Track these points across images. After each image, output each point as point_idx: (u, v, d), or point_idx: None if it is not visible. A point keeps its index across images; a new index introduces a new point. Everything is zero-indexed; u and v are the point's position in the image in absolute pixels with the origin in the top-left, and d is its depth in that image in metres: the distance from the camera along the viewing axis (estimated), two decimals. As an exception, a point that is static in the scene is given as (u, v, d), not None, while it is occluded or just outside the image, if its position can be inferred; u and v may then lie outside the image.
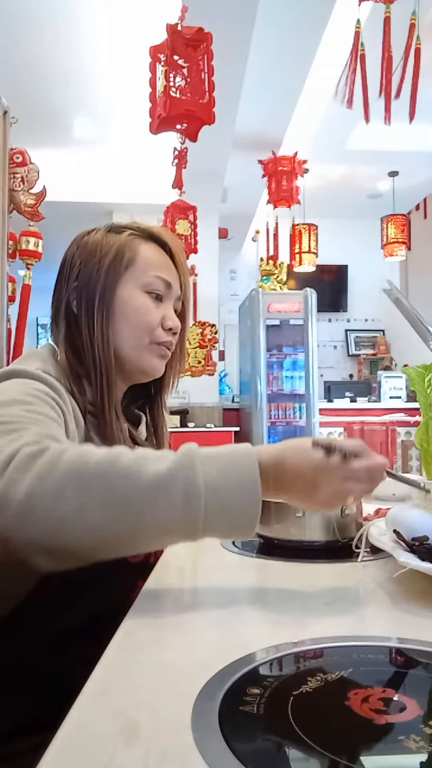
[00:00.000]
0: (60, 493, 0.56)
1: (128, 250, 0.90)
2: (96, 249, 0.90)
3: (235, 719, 0.39)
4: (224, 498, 0.59)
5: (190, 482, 0.57)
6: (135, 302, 0.89)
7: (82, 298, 0.89)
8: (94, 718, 0.40)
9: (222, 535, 0.62)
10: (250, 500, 0.59)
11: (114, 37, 3.43)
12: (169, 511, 0.57)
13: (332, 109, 4.30)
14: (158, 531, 0.58)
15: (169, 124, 2.43)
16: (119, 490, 0.57)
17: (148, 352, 0.91)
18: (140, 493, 0.57)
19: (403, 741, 0.36)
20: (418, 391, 1.15)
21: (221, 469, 0.60)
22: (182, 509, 0.57)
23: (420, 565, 0.63)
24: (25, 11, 3.17)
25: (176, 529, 0.58)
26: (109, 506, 0.56)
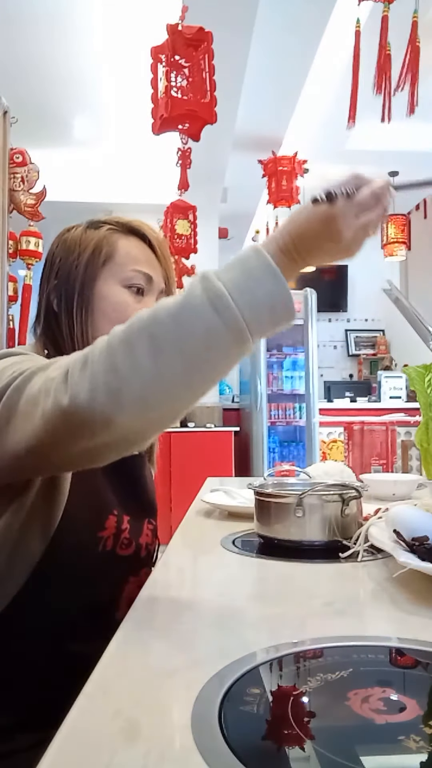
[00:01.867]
0: (114, 360, 0.59)
1: (106, 245, 0.89)
2: (75, 245, 0.90)
3: (235, 719, 0.39)
4: (248, 287, 0.60)
5: (210, 288, 0.59)
6: (114, 298, 0.88)
7: (61, 295, 0.88)
8: (94, 718, 0.40)
9: (270, 326, 0.62)
10: (273, 280, 0.60)
11: (114, 38, 3.43)
12: (205, 321, 0.58)
13: (332, 109, 4.30)
14: (211, 347, 0.59)
15: (171, 125, 2.43)
16: (156, 330, 0.59)
17: None
18: (173, 322, 0.59)
19: (403, 741, 0.36)
20: (418, 391, 1.15)
21: (232, 267, 0.61)
22: (215, 315, 0.58)
23: (420, 565, 0.63)
24: (24, 11, 3.17)
25: (225, 338, 0.59)
26: (156, 347, 0.58)
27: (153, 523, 0.93)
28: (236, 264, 0.62)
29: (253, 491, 0.95)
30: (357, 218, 0.66)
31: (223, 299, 0.59)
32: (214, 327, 0.58)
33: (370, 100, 2.42)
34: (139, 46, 2.63)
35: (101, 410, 0.58)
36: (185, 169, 2.58)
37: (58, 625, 0.76)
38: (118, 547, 0.83)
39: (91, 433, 0.59)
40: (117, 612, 0.83)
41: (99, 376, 0.58)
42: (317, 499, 0.86)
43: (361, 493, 0.89)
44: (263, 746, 0.38)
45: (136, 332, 0.60)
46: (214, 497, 1.27)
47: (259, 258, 0.62)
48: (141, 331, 0.59)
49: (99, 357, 0.60)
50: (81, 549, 0.79)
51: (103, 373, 0.58)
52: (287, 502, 0.86)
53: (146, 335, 0.59)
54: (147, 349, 0.58)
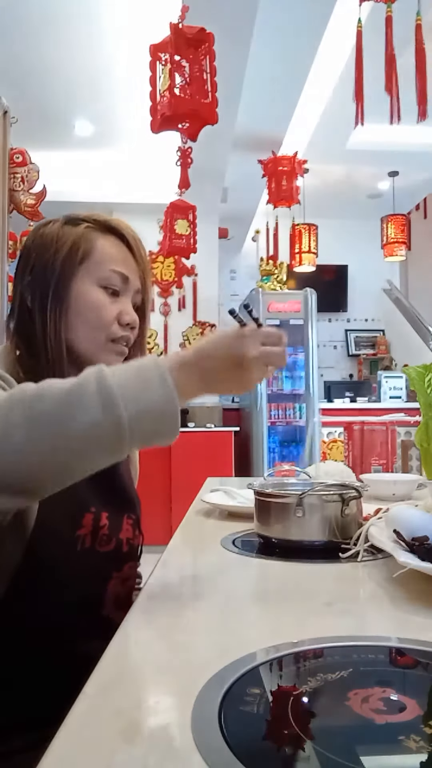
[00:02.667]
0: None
1: (84, 243, 0.88)
2: (51, 241, 0.87)
3: (235, 719, 0.39)
4: (138, 392, 0.61)
5: (102, 383, 0.60)
6: (90, 297, 0.87)
7: (36, 292, 0.86)
8: (94, 718, 0.40)
9: (148, 438, 0.63)
10: (164, 391, 0.62)
11: (114, 37, 3.43)
12: (89, 413, 0.59)
13: (332, 109, 4.30)
14: (85, 440, 0.59)
15: (171, 123, 2.43)
16: (36, 407, 0.59)
17: (105, 351, 0.88)
18: (56, 404, 0.59)
19: (403, 741, 0.36)
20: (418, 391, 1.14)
21: (128, 370, 0.63)
22: (101, 409, 0.59)
23: (420, 565, 0.63)
24: (25, 11, 3.17)
25: (102, 435, 0.59)
26: (31, 423, 0.58)
27: (133, 517, 0.92)
28: (133, 368, 0.64)
29: (253, 491, 0.95)
30: (262, 346, 0.69)
31: (112, 397, 0.60)
32: (95, 420, 0.59)
33: (371, 100, 2.42)
34: (140, 46, 2.63)
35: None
36: (186, 169, 2.58)
37: (45, 626, 0.76)
38: (98, 543, 0.83)
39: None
40: (103, 609, 0.83)
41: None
42: (317, 499, 0.86)
43: (361, 493, 0.89)
44: (263, 746, 0.38)
45: (17, 401, 0.60)
46: (214, 497, 1.27)
47: (156, 368, 0.64)
48: (22, 401, 0.60)
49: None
50: (60, 549, 0.79)
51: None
52: (287, 502, 0.86)
53: (26, 406, 0.59)
54: (23, 420, 0.58)
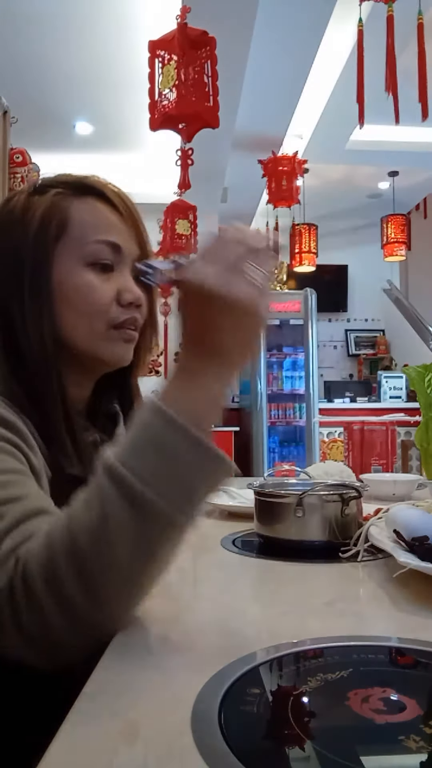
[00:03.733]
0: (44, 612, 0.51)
1: (57, 214, 0.70)
2: (18, 218, 0.71)
3: (235, 719, 0.39)
4: (175, 478, 0.51)
5: (129, 495, 0.49)
6: (76, 281, 0.70)
7: (8, 286, 0.70)
8: (94, 718, 0.40)
9: (210, 494, 0.54)
10: (199, 453, 0.51)
11: (114, 37, 3.43)
12: (135, 534, 0.50)
13: (332, 109, 4.30)
14: (151, 556, 0.52)
15: (171, 123, 2.43)
16: (82, 565, 0.50)
17: (107, 340, 0.72)
18: (93, 546, 0.50)
19: (403, 741, 0.36)
20: (418, 391, 1.15)
21: (146, 452, 0.51)
22: (144, 523, 0.50)
23: (420, 565, 0.63)
24: (25, 11, 3.17)
25: (162, 540, 0.52)
26: (87, 584, 0.50)
27: None
28: (151, 445, 0.51)
29: (253, 491, 0.95)
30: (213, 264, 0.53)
31: (155, 506, 0.49)
32: (149, 538, 0.51)
33: (371, 100, 2.42)
34: (140, 46, 2.63)
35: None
36: (186, 169, 2.58)
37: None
38: None
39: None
40: None
41: (32, 630, 0.51)
42: (317, 499, 0.86)
43: (361, 493, 0.89)
44: (263, 746, 0.38)
45: (61, 570, 0.50)
46: (214, 497, 1.26)
47: (175, 433, 0.51)
48: (66, 569, 0.50)
49: (25, 608, 0.50)
50: None
51: (37, 629, 0.51)
52: (287, 502, 0.86)
53: (72, 573, 0.49)
54: (78, 588, 0.49)
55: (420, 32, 2.33)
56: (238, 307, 0.53)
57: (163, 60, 2.39)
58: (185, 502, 0.51)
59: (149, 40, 2.40)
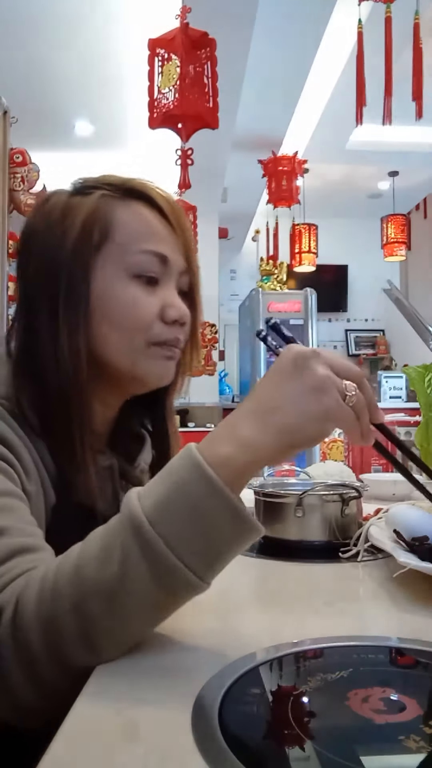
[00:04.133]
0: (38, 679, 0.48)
1: (101, 219, 0.64)
2: (58, 220, 0.65)
3: (235, 719, 0.39)
4: (207, 548, 0.47)
5: (155, 561, 0.45)
6: (118, 294, 0.64)
7: (42, 290, 0.64)
8: (95, 718, 0.40)
9: (231, 559, 0.50)
10: (236, 525, 0.47)
11: (115, 37, 3.43)
12: (153, 601, 0.48)
13: (332, 109, 4.30)
14: (160, 615, 0.50)
15: (171, 122, 2.43)
16: (89, 629, 0.47)
17: (148, 358, 0.66)
18: (107, 612, 0.46)
19: (403, 741, 0.36)
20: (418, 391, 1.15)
21: (176, 513, 0.46)
22: (165, 593, 0.47)
23: (420, 565, 0.63)
24: (25, 11, 3.17)
25: (176, 603, 0.49)
26: (92, 647, 0.47)
27: None
28: (183, 506, 0.46)
29: (253, 491, 0.95)
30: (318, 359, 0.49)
31: (178, 573, 0.45)
32: (163, 603, 0.48)
33: (371, 100, 2.42)
34: (140, 46, 2.63)
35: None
36: (185, 169, 2.59)
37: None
38: None
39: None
40: None
41: (15, 682, 0.48)
42: (317, 499, 0.86)
43: (361, 493, 0.89)
44: (263, 746, 0.38)
45: (65, 627, 0.46)
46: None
47: (216, 502, 0.46)
48: (70, 626, 0.46)
49: (13, 655, 0.47)
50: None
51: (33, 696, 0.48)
52: (287, 502, 0.86)
53: (77, 630, 0.46)
54: (79, 644, 0.47)
55: (416, 32, 2.33)
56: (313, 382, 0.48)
57: (162, 58, 2.39)
58: (214, 572, 0.48)
59: (149, 38, 2.41)
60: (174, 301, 0.67)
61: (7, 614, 0.48)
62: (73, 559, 0.48)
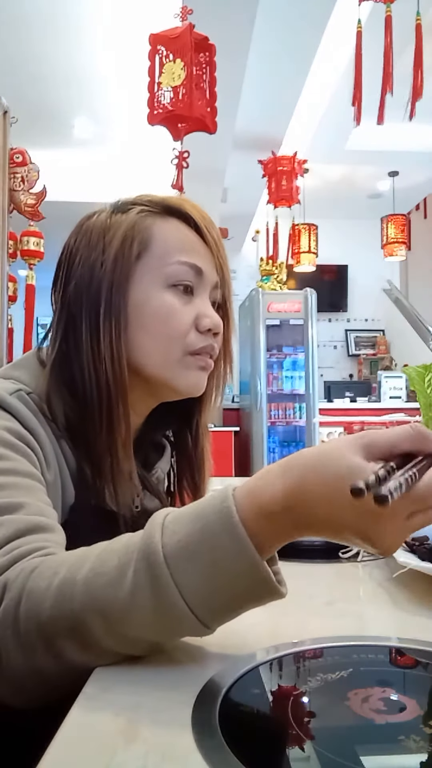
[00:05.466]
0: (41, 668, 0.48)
1: (139, 233, 0.68)
2: (98, 236, 0.69)
3: (235, 719, 0.39)
4: (224, 606, 0.46)
5: (168, 607, 0.44)
6: (156, 303, 0.68)
7: (83, 301, 0.68)
8: (94, 718, 0.40)
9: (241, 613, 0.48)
10: (262, 588, 0.45)
11: (114, 37, 3.43)
12: (157, 637, 0.48)
13: (332, 109, 4.30)
14: (157, 643, 0.49)
15: (171, 121, 2.44)
16: (90, 642, 0.47)
17: (183, 368, 0.69)
18: (111, 637, 0.46)
19: (403, 741, 0.36)
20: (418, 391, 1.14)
21: (198, 562, 0.44)
22: (172, 634, 0.48)
23: (420, 565, 0.63)
24: (25, 11, 3.17)
25: (178, 638, 0.50)
26: (88, 652, 0.48)
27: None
28: (207, 560, 0.44)
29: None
30: (408, 520, 0.44)
31: (185, 620, 0.45)
32: (167, 635, 0.49)
33: (372, 100, 2.42)
34: (140, 45, 2.63)
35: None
36: (181, 170, 2.60)
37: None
38: None
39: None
40: None
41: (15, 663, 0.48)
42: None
43: (361, 493, 0.89)
44: (263, 746, 0.38)
45: (63, 630, 0.47)
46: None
47: (242, 563, 0.44)
48: (66, 632, 0.47)
49: (12, 641, 0.48)
50: None
51: (21, 664, 0.48)
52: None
53: (75, 641, 0.47)
54: (74, 648, 0.47)
55: (418, 33, 2.33)
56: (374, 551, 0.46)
57: (162, 55, 2.40)
58: (222, 622, 0.47)
59: (150, 33, 2.41)
60: (208, 311, 0.70)
61: (12, 593, 0.48)
62: (88, 566, 0.48)
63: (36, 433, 0.63)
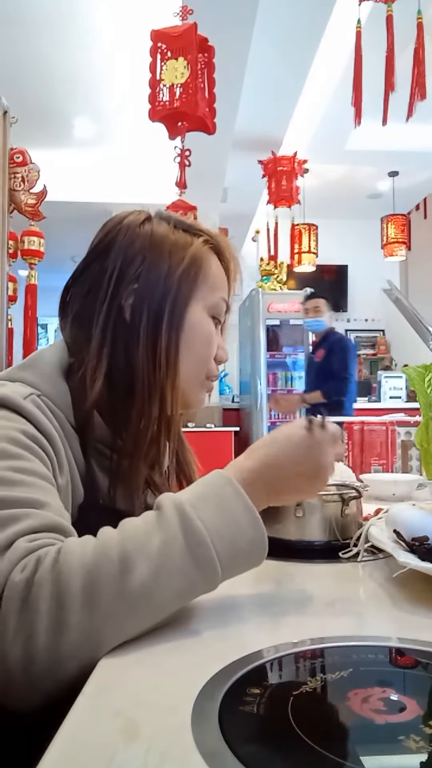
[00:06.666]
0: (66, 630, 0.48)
1: (202, 261, 0.76)
2: (166, 248, 0.74)
3: (235, 719, 0.39)
4: (231, 536, 0.56)
5: (191, 533, 0.53)
6: (202, 327, 0.75)
7: (143, 308, 0.71)
8: (94, 718, 0.40)
9: (242, 570, 0.59)
10: (255, 528, 0.58)
11: (114, 37, 3.43)
12: (184, 576, 0.53)
13: (332, 109, 4.30)
14: (182, 597, 0.54)
15: (172, 119, 2.44)
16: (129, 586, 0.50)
17: (201, 387, 0.79)
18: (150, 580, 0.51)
19: (403, 741, 0.36)
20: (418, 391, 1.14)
21: (210, 505, 0.56)
22: (195, 569, 0.53)
23: (420, 565, 0.63)
24: (25, 11, 3.17)
25: (198, 587, 0.55)
26: (126, 612, 0.50)
27: None
28: (215, 502, 0.56)
29: (253, 491, 0.95)
30: (331, 449, 0.66)
31: (206, 549, 0.53)
32: (191, 581, 0.54)
33: (371, 100, 2.42)
34: (140, 45, 2.63)
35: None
36: (183, 169, 2.60)
37: None
38: None
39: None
40: None
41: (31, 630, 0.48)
42: (317, 499, 0.86)
43: (361, 493, 0.89)
44: (263, 746, 0.38)
45: (104, 581, 0.49)
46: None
47: (239, 501, 0.57)
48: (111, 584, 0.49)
49: (48, 602, 0.48)
50: None
51: (43, 625, 0.48)
52: (287, 502, 0.86)
53: (117, 590, 0.50)
54: (118, 606, 0.50)
55: (420, 32, 2.33)
56: (316, 490, 0.67)
57: (162, 53, 2.39)
58: (228, 561, 0.55)
59: (152, 30, 2.40)
60: (224, 345, 0.81)
61: (47, 561, 0.50)
62: (111, 530, 0.54)
63: (50, 437, 0.65)
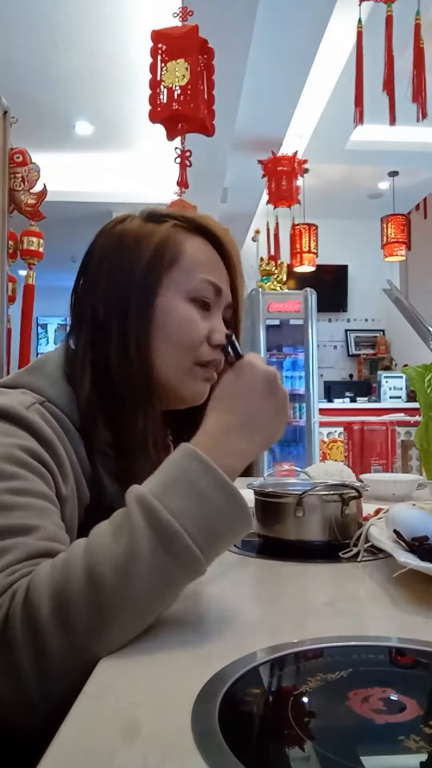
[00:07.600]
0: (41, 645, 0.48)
1: (172, 245, 0.73)
2: (132, 242, 0.73)
3: (235, 719, 0.39)
4: (205, 518, 0.53)
5: (161, 528, 0.51)
6: (178, 312, 0.72)
7: (112, 304, 0.71)
8: (94, 718, 0.40)
9: (229, 545, 0.56)
10: (230, 499, 0.54)
11: (114, 37, 3.43)
12: (159, 570, 0.50)
13: (332, 109, 4.30)
14: (165, 593, 0.52)
15: (172, 120, 2.44)
16: (102, 599, 0.49)
17: (191, 377, 0.74)
18: (118, 584, 0.49)
19: (403, 741, 0.36)
20: (418, 391, 1.15)
21: (177, 490, 0.53)
22: (170, 559, 0.51)
23: (420, 565, 0.63)
24: (25, 11, 3.17)
25: (180, 578, 0.53)
26: (101, 620, 0.49)
27: None
28: (181, 484, 0.53)
29: (253, 491, 0.95)
30: (262, 364, 0.65)
31: (179, 539, 0.50)
32: (170, 575, 0.51)
33: (370, 100, 2.42)
34: (140, 45, 2.63)
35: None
36: (184, 169, 2.60)
37: None
38: None
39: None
40: None
41: (23, 664, 0.48)
42: (317, 499, 0.86)
43: (361, 493, 0.89)
44: (263, 746, 0.38)
45: (75, 596, 0.48)
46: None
47: (207, 475, 0.54)
48: (81, 595, 0.48)
49: (22, 637, 0.48)
50: None
51: (30, 661, 0.48)
52: (287, 502, 0.86)
53: (87, 600, 0.48)
54: (87, 614, 0.48)
55: (417, 33, 2.33)
56: (282, 410, 0.64)
57: (162, 52, 2.39)
58: (207, 542, 0.53)
59: (152, 30, 2.40)
60: (220, 327, 0.76)
61: (20, 594, 0.50)
62: (83, 541, 0.53)
63: (52, 448, 0.64)
